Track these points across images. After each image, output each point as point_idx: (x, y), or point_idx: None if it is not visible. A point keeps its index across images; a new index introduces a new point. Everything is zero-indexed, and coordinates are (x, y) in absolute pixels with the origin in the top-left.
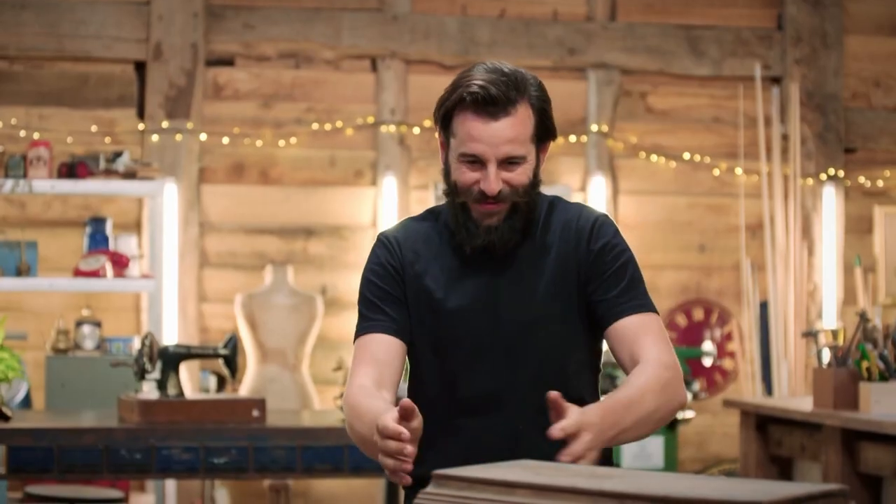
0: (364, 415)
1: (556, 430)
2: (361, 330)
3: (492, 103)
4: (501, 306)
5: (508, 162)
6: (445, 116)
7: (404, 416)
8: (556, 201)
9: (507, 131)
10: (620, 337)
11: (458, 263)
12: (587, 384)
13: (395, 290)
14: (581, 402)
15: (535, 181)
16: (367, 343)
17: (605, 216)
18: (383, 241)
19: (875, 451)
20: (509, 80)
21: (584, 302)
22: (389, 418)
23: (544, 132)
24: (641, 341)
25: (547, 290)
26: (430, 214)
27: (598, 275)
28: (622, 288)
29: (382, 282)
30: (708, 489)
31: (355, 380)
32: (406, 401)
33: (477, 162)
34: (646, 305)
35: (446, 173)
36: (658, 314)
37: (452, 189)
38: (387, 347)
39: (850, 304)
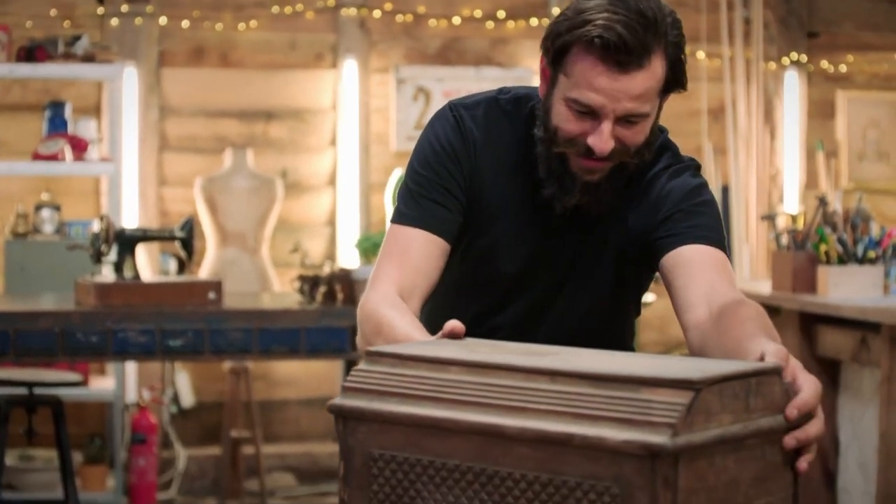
0: (388, 334)
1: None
2: (402, 217)
3: (624, 52)
4: (562, 264)
5: (626, 120)
6: (561, 49)
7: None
8: (663, 148)
9: (636, 87)
10: (685, 265)
11: (532, 195)
12: (625, 329)
13: (451, 180)
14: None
15: (651, 139)
16: (404, 239)
17: (704, 183)
18: (458, 121)
19: (832, 334)
20: (648, 23)
21: (647, 250)
22: None
23: (673, 84)
24: (722, 277)
25: (612, 256)
26: (516, 107)
27: (670, 214)
28: (695, 221)
29: (442, 165)
30: (641, 367)
31: (380, 285)
32: (455, 325)
33: (589, 114)
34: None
35: (545, 110)
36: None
37: (551, 134)
38: (426, 250)
39: (812, 188)
